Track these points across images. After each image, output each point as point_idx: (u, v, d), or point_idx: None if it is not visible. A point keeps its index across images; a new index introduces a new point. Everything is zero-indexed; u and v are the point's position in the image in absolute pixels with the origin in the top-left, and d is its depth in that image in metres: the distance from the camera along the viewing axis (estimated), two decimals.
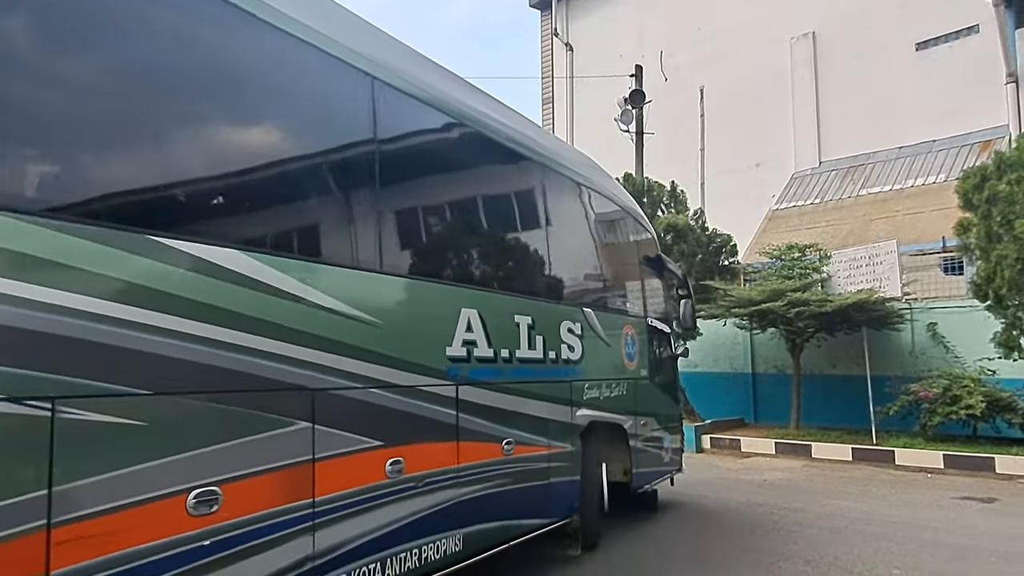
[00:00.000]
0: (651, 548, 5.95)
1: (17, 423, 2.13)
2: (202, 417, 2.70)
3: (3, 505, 2.07)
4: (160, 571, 2.47)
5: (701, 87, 19.39)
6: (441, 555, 3.90)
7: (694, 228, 12.06)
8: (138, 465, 2.45)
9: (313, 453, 3.11)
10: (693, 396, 12.75)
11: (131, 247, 2.49)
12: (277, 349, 2.95)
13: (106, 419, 2.36)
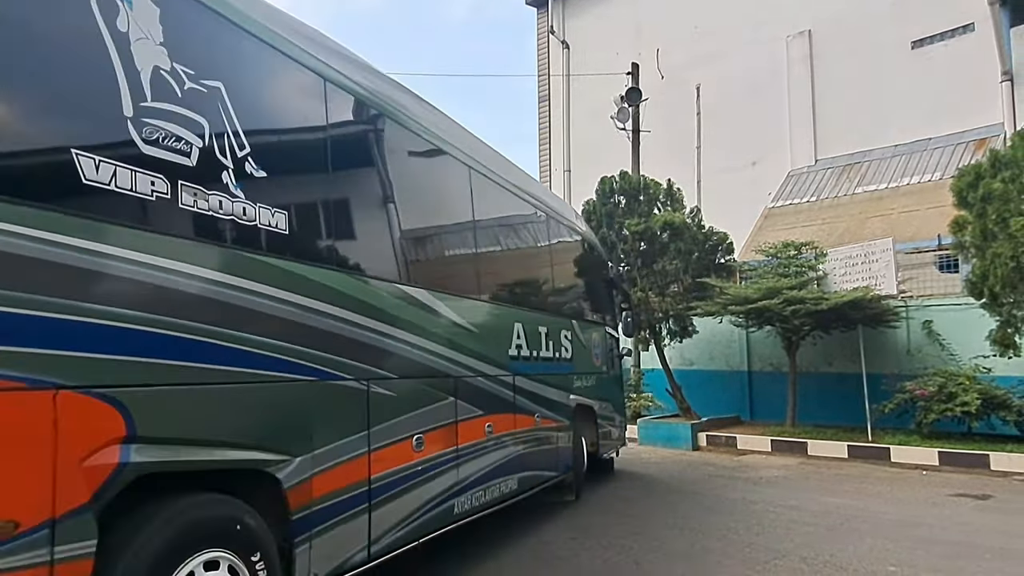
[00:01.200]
0: (640, 538, 5.97)
1: (357, 393, 3.93)
2: (415, 392, 4.56)
3: (353, 438, 3.86)
4: (404, 482, 4.33)
5: (697, 85, 19.40)
6: (507, 491, 5.94)
7: (690, 226, 12.06)
8: (396, 419, 4.28)
9: (456, 417, 5.01)
10: (689, 394, 12.78)
11: (399, 295, 4.44)
12: (441, 351, 4.86)
13: (384, 392, 4.16)
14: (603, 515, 7.07)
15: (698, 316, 12.28)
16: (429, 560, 5.26)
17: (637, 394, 13.50)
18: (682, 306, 12.13)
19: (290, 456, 3.31)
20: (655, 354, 13.01)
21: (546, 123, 23.15)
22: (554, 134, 22.88)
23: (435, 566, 5.27)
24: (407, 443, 4.35)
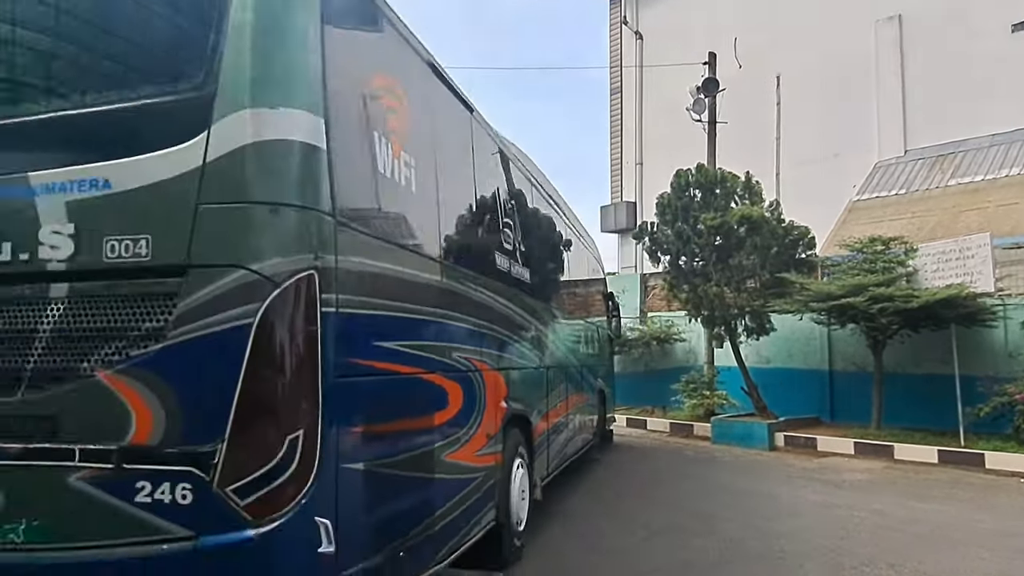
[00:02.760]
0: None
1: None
2: (558, 375, 7.21)
3: (544, 401, 6.45)
4: (556, 430, 7.00)
5: (777, 74, 18.78)
6: (578, 446, 8.51)
7: (769, 220, 11.68)
8: (552, 392, 6.90)
9: (567, 393, 7.68)
10: (766, 393, 12.42)
11: (560, 318, 7.56)
12: (566, 349, 7.81)
13: (550, 375, 6.69)
14: (671, 511, 6.97)
15: (776, 313, 11.90)
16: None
17: (710, 391, 13.22)
18: (759, 302, 11.78)
19: (533, 408, 5.99)
20: (729, 351, 12.71)
21: (618, 115, 22.87)
22: (626, 126, 22.59)
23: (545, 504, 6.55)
24: (556, 407, 7.06)
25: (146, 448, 2.54)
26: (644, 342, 15.25)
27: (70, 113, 2.77)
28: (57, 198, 2.67)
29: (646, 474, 9.35)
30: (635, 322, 16.13)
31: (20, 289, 2.74)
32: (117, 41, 2.86)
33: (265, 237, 2.57)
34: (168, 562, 2.48)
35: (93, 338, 2.65)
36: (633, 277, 17.92)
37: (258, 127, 2.57)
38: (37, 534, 2.62)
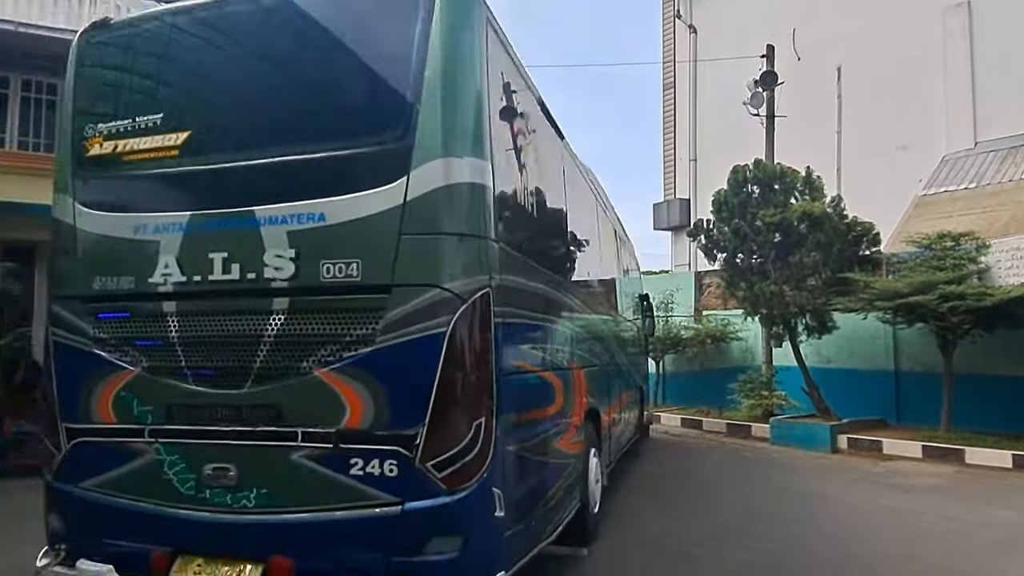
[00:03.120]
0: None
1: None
2: (617, 373, 8.05)
3: (608, 396, 7.11)
4: (615, 423, 7.62)
5: (838, 66, 18.21)
6: (625, 442, 8.89)
7: (831, 216, 11.35)
8: (613, 386, 7.54)
9: (621, 389, 8.28)
10: (827, 393, 12.08)
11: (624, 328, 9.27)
12: (623, 351, 8.82)
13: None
14: (732, 513, 6.86)
15: (839, 312, 11.57)
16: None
17: (769, 392, 12.94)
18: (821, 301, 11.47)
19: (601, 403, 6.38)
20: (787, 351, 12.42)
21: (671, 111, 22.54)
22: (679, 123, 22.24)
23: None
24: (614, 402, 7.53)
25: (359, 431, 3.19)
26: (699, 341, 15.03)
27: (291, 158, 3.39)
28: (279, 228, 3.31)
29: (704, 475, 9.22)
30: (689, 321, 15.91)
31: (248, 302, 3.38)
32: (334, 101, 3.50)
33: (454, 262, 3.21)
34: (378, 522, 3.14)
35: (311, 343, 3.27)
36: (687, 275, 17.67)
37: (448, 173, 3.21)
38: (264, 500, 3.29)
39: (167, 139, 3.60)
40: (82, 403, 3.63)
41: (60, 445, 3.69)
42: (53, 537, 3.75)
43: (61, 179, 3.85)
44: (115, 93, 3.81)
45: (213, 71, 3.71)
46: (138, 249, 3.54)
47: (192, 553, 3.38)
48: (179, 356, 3.48)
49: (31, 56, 10.60)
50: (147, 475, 3.48)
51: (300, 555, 3.22)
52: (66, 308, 3.75)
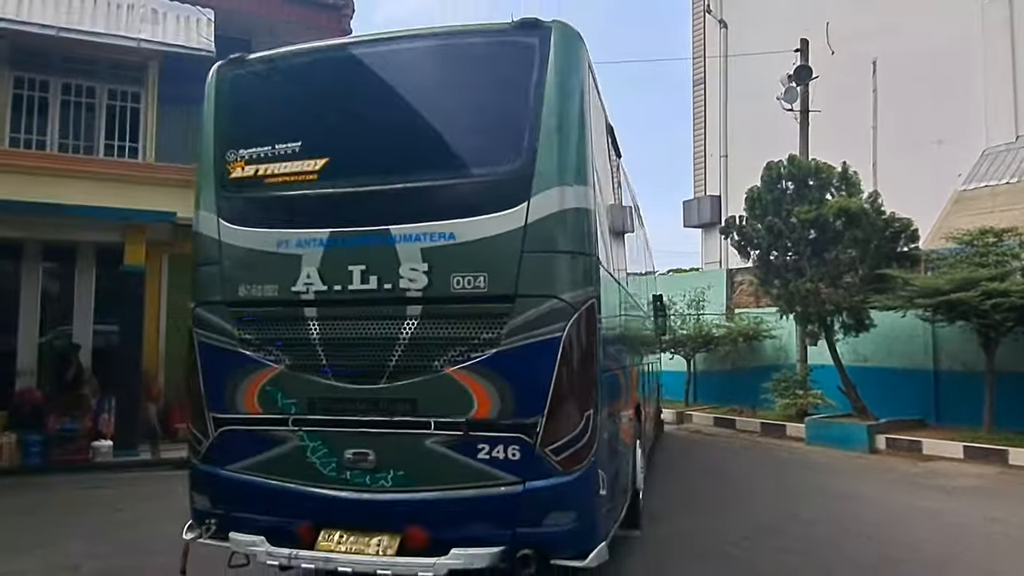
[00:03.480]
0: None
1: (635, 371, 6.49)
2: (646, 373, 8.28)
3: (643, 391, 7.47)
4: (647, 419, 7.98)
5: (873, 59, 17.87)
6: (653, 436, 9.65)
7: (869, 212, 11.14)
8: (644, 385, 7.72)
9: (648, 388, 8.64)
10: (864, 392, 11.87)
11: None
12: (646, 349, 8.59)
13: (637, 371, 6.79)
14: (769, 514, 6.77)
15: (877, 309, 11.35)
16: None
17: (804, 390, 12.75)
18: (858, 298, 11.26)
19: (641, 398, 6.89)
20: (822, 349, 12.23)
21: (701, 107, 22.34)
22: (709, 118, 22.03)
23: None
24: (647, 397, 8.01)
25: (485, 421, 3.67)
26: (731, 339, 14.86)
27: (424, 184, 3.88)
28: (414, 245, 3.78)
29: (739, 474, 9.13)
30: (721, 319, 15.74)
31: (385, 309, 3.84)
32: (462, 135, 4.00)
33: (568, 276, 3.72)
34: (502, 499, 3.62)
35: (442, 345, 3.74)
36: (719, 273, 17.47)
37: (562, 199, 3.72)
38: (400, 480, 3.77)
39: (306, 164, 4.08)
40: (228, 396, 4.09)
41: (207, 433, 4.13)
42: (199, 513, 4.17)
43: (205, 198, 4.29)
44: (254, 122, 4.34)
45: (352, 106, 4.20)
46: (281, 261, 4.00)
47: (334, 526, 3.84)
48: (320, 356, 3.94)
49: (71, 60, 10.85)
50: (291, 459, 3.95)
51: (433, 527, 3.69)
52: (211, 312, 4.19)
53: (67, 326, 11.07)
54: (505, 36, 4.01)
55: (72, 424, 9.28)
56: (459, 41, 4.16)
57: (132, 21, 10.08)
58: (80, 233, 10.06)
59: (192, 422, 4.27)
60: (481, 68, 4.09)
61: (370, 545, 3.74)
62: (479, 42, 4.14)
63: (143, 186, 10.19)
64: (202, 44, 10.31)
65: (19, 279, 10.70)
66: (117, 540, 6.05)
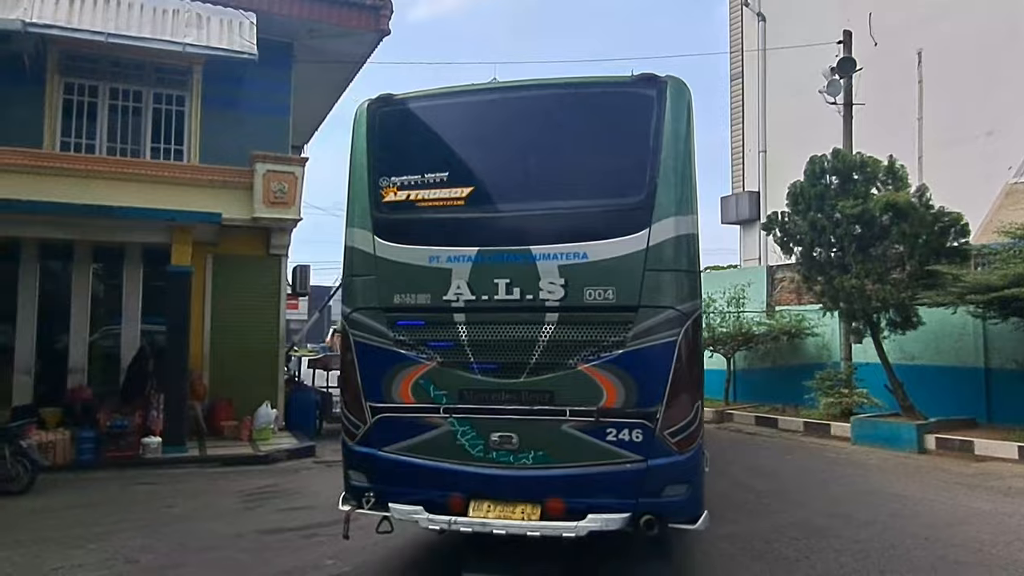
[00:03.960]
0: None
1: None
2: None
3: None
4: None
5: (919, 50, 17.44)
6: None
7: (917, 207, 10.86)
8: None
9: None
10: (910, 391, 11.59)
11: None
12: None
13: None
14: (820, 514, 6.64)
15: (925, 306, 11.07)
16: None
17: (848, 389, 12.49)
18: (906, 295, 10.99)
19: None
20: (866, 347, 11.97)
21: (739, 102, 22.02)
22: (748, 113, 21.71)
23: None
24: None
25: (613, 409, 4.36)
26: (772, 337, 14.63)
27: (560, 211, 4.62)
28: (552, 263, 4.47)
29: (785, 474, 8.97)
30: (761, 316, 15.50)
31: (526, 315, 4.50)
32: (593, 170, 4.72)
33: (681, 291, 4.44)
34: (628, 474, 4.31)
35: (576, 346, 4.43)
36: (759, 270, 17.21)
37: (677, 227, 4.43)
38: (540, 459, 4.45)
39: (454, 192, 4.75)
40: (383, 388, 4.72)
41: (365, 420, 4.76)
42: (355, 489, 4.80)
43: (360, 217, 4.89)
44: (403, 153, 4.98)
45: (495, 143, 4.96)
46: (433, 273, 4.65)
47: (482, 498, 4.51)
48: (468, 354, 4.60)
49: (118, 65, 11.11)
50: (442, 441, 4.60)
51: (569, 497, 4.37)
52: (366, 316, 4.80)
53: (115, 326, 11.34)
54: (629, 88, 4.73)
55: (123, 421, 9.49)
56: (589, 90, 4.92)
57: (177, 26, 10.27)
58: (128, 234, 10.28)
59: (349, 410, 4.87)
60: (608, 113, 4.82)
61: (515, 513, 4.40)
62: (607, 92, 4.89)
63: (189, 187, 10.40)
64: (245, 47, 10.46)
65: (70, 280, 10.99)
66: (171, 535, 6.17)
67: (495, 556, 4.80)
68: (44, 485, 7.75)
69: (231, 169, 10.79)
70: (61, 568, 5.27)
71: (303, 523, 6.55)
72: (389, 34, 12.03)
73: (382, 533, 5.02)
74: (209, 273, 11.51)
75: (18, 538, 6.03)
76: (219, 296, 11.54)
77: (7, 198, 9.20)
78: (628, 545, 5.04)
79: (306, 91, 12.86)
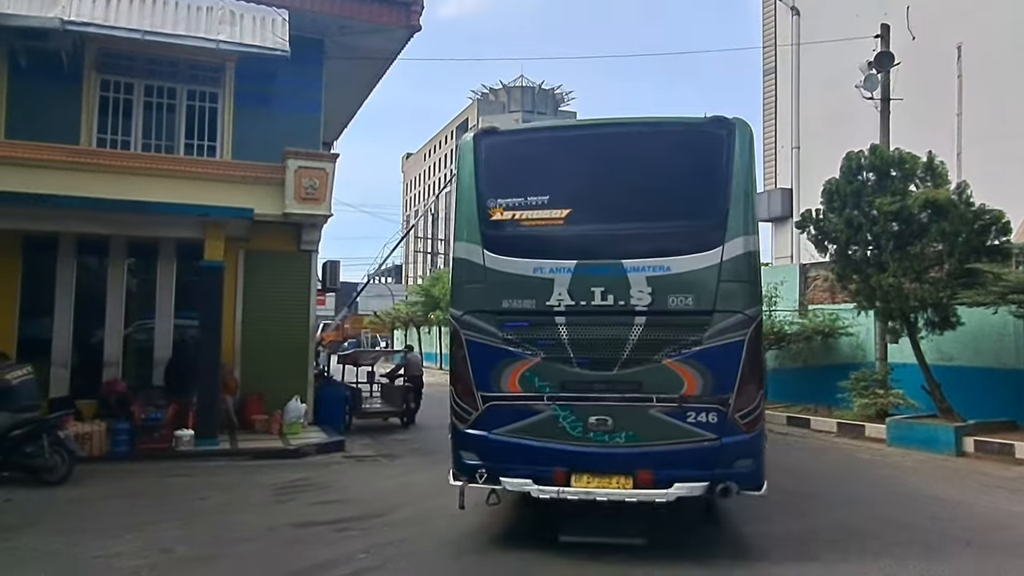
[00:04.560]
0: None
1: None
2: None
3: None
4: None
5: (958, 44, 17.03)
6: None
7: (957, 204, 10.58)
8: None
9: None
10: (948, 392, 11.32)
11: None
12: None
13: None
14: (857, 516, 6.50)
15: (964, 305, 10.80)
16: None
17: (884, 390, 12.24)
18: (944, 294, 10.73)
19: None
20: (902, 347, 11.70)
21: (771, 98, 21.73)
22: (780, 109, 21.40)
23: None
24: None
25: (693, 396, 5.22)
26: (804, 337, 14.39)
27: (647, 231, 5.48)
28: (640, 274, 5.30)
29: (820, 476, 8.81)
30: (794, 315, 15.26)
31: (619, 318, 5.35)
32: (676, 196, 5.62)
33: (748, 298, 5.32)
34: (705, 450, 5.17)
35: (660, 343, 5.28)
36: (791, 268, 16.95)
37: (745, 245, 5.32)
38: (631, 438, 5.29)
39: (553, 213, 5.60)
40: (493, 379, 5.52)
41: (476, 407, 5.54)
42: (468, 466, 5.54)
43: (470, 233, 5.71)
44: (508, 179, 5.80)
45: (589, 172, 5.80)
46: (536, 282, 5.48)
47: (582, 471, 5.34)
48: (568, 351, 5.41)
49: (153, 63, 11.26)
50: (546, 424, 5.41)
51: (657, 469, 5.22)
52: (476, 318, 5.60)
53: (149, 320, 11.50)
54: (704, 128, 5.67)
55: (156, 414, 9.63)
56: (670, 128, 5.91)
57: (211, 23, 10.38)
58: (162, 229, 10.42)
59: (461, 399, 5.63)
60: (687, 149, 5.75)
61: (611, 483, 5.27)
62: (685, 131, 5.85)
63: (221, 183, 10.52)
64: (277, 44, 10.54)
65: (106, 275, 11.18)
66: (205, 527, 6.24)
67: (587, 523, 5.47)
68: (81, 475, 7.87)
69: (263, 165, 10.88)
70: (99, 557, 5.35)
71: (335, 517, 6.57)
72: (420, 30, 12.04)
73: (492, 505, 5.90)
74: (241, 269, 11.62)
75: (58, 527, 6.14)
76: (250, 291, 11.65)
77: (47, 193, 9.38)
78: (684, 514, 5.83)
79: (337, 87, 12.93)
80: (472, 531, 6.01)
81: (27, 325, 10.75)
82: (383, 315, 39.10)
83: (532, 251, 5.54)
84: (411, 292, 43.97)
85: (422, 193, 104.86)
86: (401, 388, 13.76)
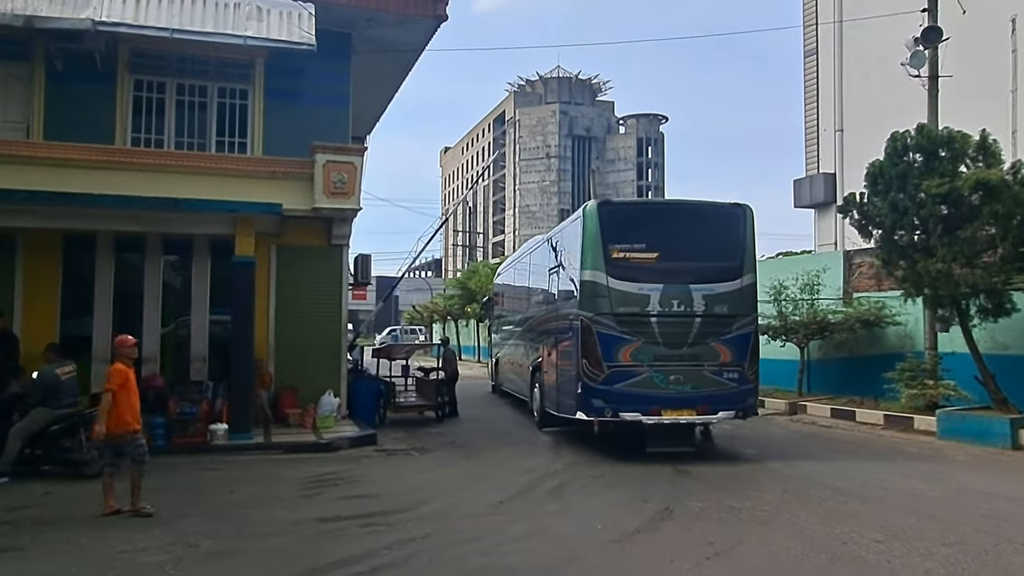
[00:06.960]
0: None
1: None
2: None
3: None
4: None
5: (1013, 16, 16.20)
6: None
7: (1011, 185, 10.02)
8: None
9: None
10: (1003, 383, 10.77)
11: None
12: None
13: None
14: (914, 518, 6.17)
15: (1020, 291, 10.24)
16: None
17: (934, 380, 11.73)
18: (998, 279, 10.19)
19: None
20: (953, 336, 11.16)
21: (813, 79, 21.03)
22: (823, 91, 20.70)
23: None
24: None
25: (726, 363, 9.11)
26: (848, 326, 13.91)
27: (702, 267, 9.30)
28: (699, 293, 9.09)
29: (866, 471, 8.43)
30: (837, 304, 14.76)
31: (686, 319, 9.07)
32: (716, 250, 9.51)
33: (753, 306, 9.57)
34: (733, 393, 9.09)
35: (708, 332, 9.09)
36: (835, 255, 16.39)
37: (752, 279, 9.52)
38: (693, 387, 8.99)
39: (648, 254, 9.22)
40: (613, 354, 8.92)
41: (603, 371, 8.89)
42: (595, 408, 8.92)
43: (596, 264, 9.11)
44: (619, 232, 9.25)
45: (670, 231, 9.51)
46: (639, 296, 9.02)
47: (668, 408, 8.87)
48: (657, 337, 8.97)
49: (184, 61, 11.36)
50: (646, 381, 8.91)
51: (709, 404, 8.96)
52: (602, 317, 8.97)
53: (185, 316, 11.65)
54: (729, 209, 9.74)
55: (191, 408, 9.73)
56: (712, 208, 9.97)
57: (238, 19, 10.39)
58: (195, 226, 10.51)
59: (592, 367, 8.93)
60: (721, 219, 9.68)
61: (684, 413, 8.89)
62: (720, 209, 9.83)
63: (251, 179, 10.54)
64: (304, 39, 10.51)
65: (143, 271, 11.34)
66: (232, 521, 6.24)
67: (662, 437, 8.98)
68: None
69: (291, 160, 10.89)
70: (126, 551, 5.36)
71: (361, 512, 6.51)
72: (446, 19, 11.89)
73: (598, 436, 9.39)
74: (273, 264, 11.68)
75: (90, 520, 6.21)
76: (283, 286, 11.71)
77: (84, 192, 9.52)
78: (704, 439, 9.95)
79: (366, 81, 12.88)
80: (496, 528, 5.87)
81: (68, 322, 10.96)
82: (421, 308, 39.27)
83: (636, 277, 9.04)
84: (448, 285, 44.06)
85: (460, 188, 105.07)
86: (435, 382, 13.71)
